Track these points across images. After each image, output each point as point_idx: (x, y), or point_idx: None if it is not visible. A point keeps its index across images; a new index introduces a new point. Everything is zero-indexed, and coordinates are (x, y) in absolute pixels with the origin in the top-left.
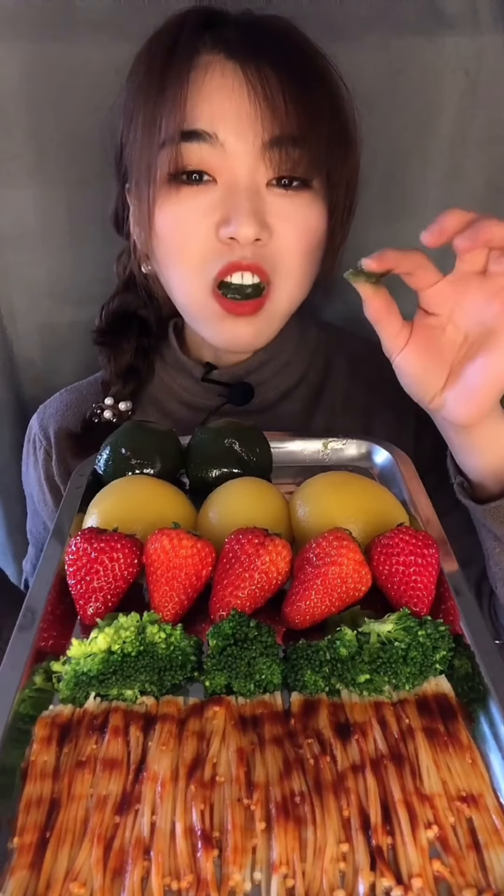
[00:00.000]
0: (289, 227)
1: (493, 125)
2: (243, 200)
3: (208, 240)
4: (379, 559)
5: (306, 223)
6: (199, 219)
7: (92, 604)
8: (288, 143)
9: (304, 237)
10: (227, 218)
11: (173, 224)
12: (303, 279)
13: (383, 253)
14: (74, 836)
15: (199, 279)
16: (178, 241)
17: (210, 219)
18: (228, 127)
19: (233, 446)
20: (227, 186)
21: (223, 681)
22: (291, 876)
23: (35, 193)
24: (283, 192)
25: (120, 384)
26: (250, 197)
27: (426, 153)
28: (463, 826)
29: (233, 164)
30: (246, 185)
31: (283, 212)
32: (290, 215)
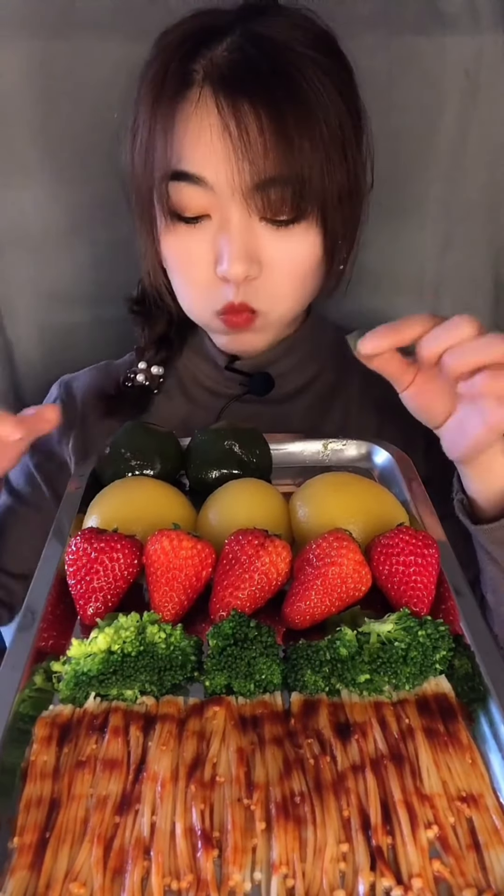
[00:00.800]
0: (279, 263)
1: (493, 125)
2: (234, 240)
3: (208, 274)
4: (379, 559)
5: (298, 257)
6: (200, 256)
7: (92, 604)
8: (276, 184)
9: (295, 269)
10: (220, 257)
11: (176, 257)
12: (296, 300)
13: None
14: (74, 836)
15: (204, 308)
16: (182, 273)
17: (208, 255)
18: (216, 170)
19: (232, 448)
20: (220, 224)
21: (223, 681)
22: (291, 876)
23: (35, 193)
24: (276, 228)
25: (153, 350)
26: (240, 236)
27: (426, 153)
28: (463, 826)
29: (222, 204)
30: (236, 223)
31: (275, 247)
32: (280, 250)
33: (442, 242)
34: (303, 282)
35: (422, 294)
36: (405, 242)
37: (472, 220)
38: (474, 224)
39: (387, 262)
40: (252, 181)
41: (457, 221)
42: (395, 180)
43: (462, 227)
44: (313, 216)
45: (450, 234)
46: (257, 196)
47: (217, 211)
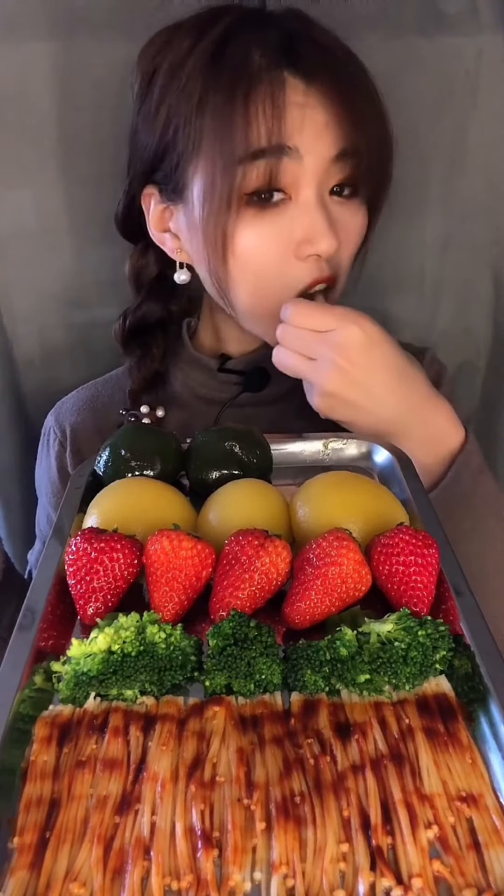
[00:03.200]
0: (348, 234)
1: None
2: (323, 216)
3: (287, 258)
4: (379, 559)
5: (357, 228)
6: (280, 239)
7: (92, 604)
8: (351, 154)
9: (356, 241)
10: (310, 236)
11: (253, 247)
12: (347, 275)
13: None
14: (74, 836)
15: (276, 296)
16: (256, 262)
17: (289, 240)
18: (305, 140)
19: (233, 448)
20: (303, 202)
21: (223, 681)
22: (291, 876)
23: (35, 193)
24: (341, 200)
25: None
26: (325, 211)
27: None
28: (463, 826)
29: (308, 178)
30: (319, 198)
31: (344, 219)
32: (348, 223)
33: (442, 242)
34: (355, 256)
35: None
36: (405, 242)
37: (472, 220)
38: (474, 224)
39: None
40: (332, 152)
41: (457, 221)
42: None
43: (462, 227)
44: (364, 193)
45: (450, 234)
46: (334, 168)
47: (300, 189)
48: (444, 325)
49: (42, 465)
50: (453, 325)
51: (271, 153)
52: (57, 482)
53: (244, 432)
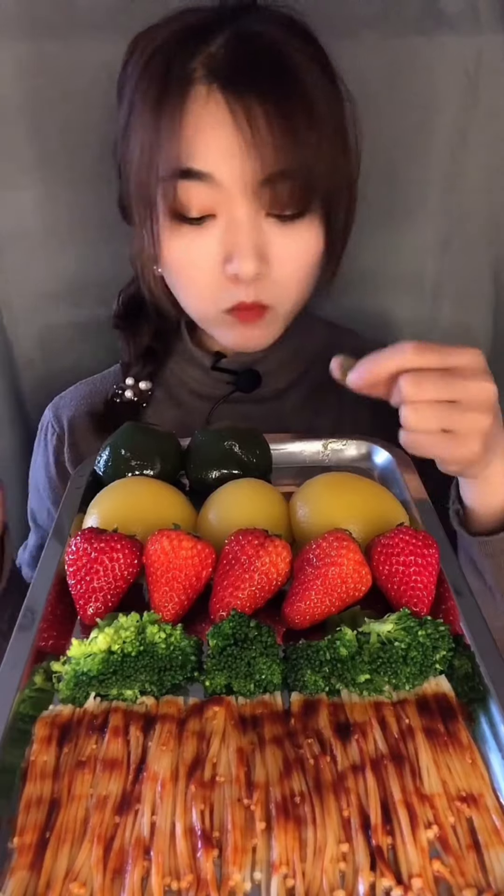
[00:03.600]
0: (287, 258)
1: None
2: (244, 238)
3: (214, 275)
4: (379, 559)
5: (303, 251)
6: (205, 256)
7: (92, 604)
8: (283, 178)
9: (301, 263)
10: (230, 255)
11: (180, 259)
12: (302, 295)
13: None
14: (74, 836)
15: (210, 308)
16: (186, 275)
17: (215, 255)
18: (223, 166)
19: (233, 448)
20: (228, 222)
21: (223, 681)
22: (291, 876)
23: (35, 193)
24: (282, 223)
25: (139, 365)
26: (250, 233)
27: (426, 153)
28: (463, 826)
29: (230, 202)
30: (245, 221)
31: (282, 243)
32: (287, 246)
33: (442, 242)
34: (308, 275)
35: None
36: (405, 242)
37: (472, 220)
38: (474, 224)
39: (387, 262)
40: (261, 176)
41: (457, 221)
42: (395, 180)
43: (462, 227)
44: (317, 209)
45: (450, 234)
46: (265, 191)
47: (224, 209)
48: (444, 325)
49: (39, 460)
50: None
51: (188, 176)
52: (55, 477)
53: (244, 432)
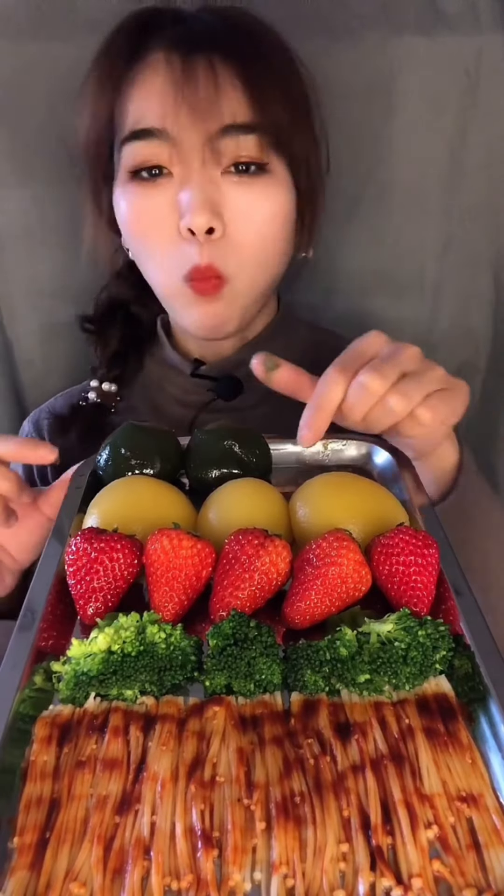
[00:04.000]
0: (244, 216)
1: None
2: (196, 191)
3: (171, 233)
4: (379, 559)
5: (263, 210)
6: (160, 213)
7: (92, 604)
8: (238, 130)
9: (261, 225)
10: (183, 210)
11: (136, 220)
12: (265, 264)
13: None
14: (74, 836)
15: (172, 273)
16: (143, 236)
17: (170, 212)
18: (175, 121)
19: (232, 448)
20: (181, 178)
21: (223, 681)
22: (291, 876)
23: (35, 193)
24: (239, 178)
25: (105, 369)
26: (203, 187)
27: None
28: (463, 826)
29: (184, 157)
30: (198, 175)
31: (239, 199)
32: (246, 203)
33: (442, 242)
34: (268, 243)
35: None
36: (405, 242)
37: (472, 220)
38: (474, 224)
39: (387, 262)
40: (213, 129)
41: (457, 221)
42: (395, 180)
43: (462, 227)
44: (279, 170)
45: (450, 234)
46: (219, 144)
47: (179, 165)
48: (444, 325)
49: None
50: (453, 325)
51: (141, 136)
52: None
53: (244, 431)
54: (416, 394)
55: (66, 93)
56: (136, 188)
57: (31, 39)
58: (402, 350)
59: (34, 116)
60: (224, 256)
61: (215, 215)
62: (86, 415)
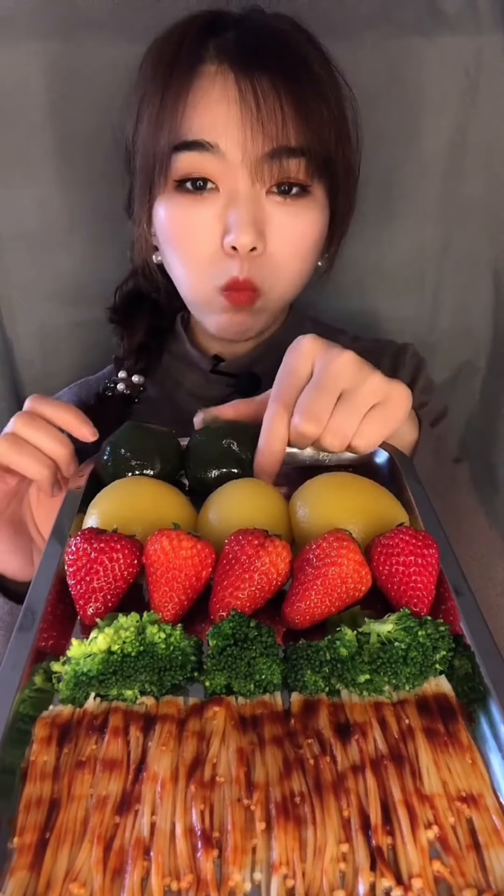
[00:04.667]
0: (284, 236)
1: (493, 125)
2: (243, 210)
3: (213, 247)
4: (379, 559)
5: (303, 230)
6: (205, 227)
7: (92, 604)
8: (287, 153)
9: (300, 243)
10: (229, 228)
11: (179, 230)
12: (296, 280)
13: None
14: (74, 837)
15: (207, 283)
16: (184, 247)
17: (214, 227)
18: (229, 138)
19: (231, 447)
20: (229, 195)
21: (223, 681)
22: (291, 876)
23: (35, 193)
24: (283, 199)
25: (132, 359)
26: (249, 207)
27: (426, 153)
28: (463, 826)
29: (233, 174)
30: (245, 194)
31: (281, 220)
32: (287, 224)
33: (442, 242)
34: (303, 260)
35: (421, 295)
36: (405, 242)
37: (472, 220)
38: (474, 224)
39: (387, 262)
40: (265, 150)
41: (457, 222)
42: (395, 180)
43: (462, 227)
44: (319, 193)
45: (450, 234)
46: (268, 165)
47: (226, 181)
48: (444, 325)
49: None
50: (453, 325)
51: (193, 147)
52: None
53: (242, 429)
54: (349, 426)
55: (66, 93)
56: (181, 199)
57: (31, 39)
58: (334, 362)
59: (34, 117)
60: (261, 271)
61: (260, 235)
62: (112, 405)
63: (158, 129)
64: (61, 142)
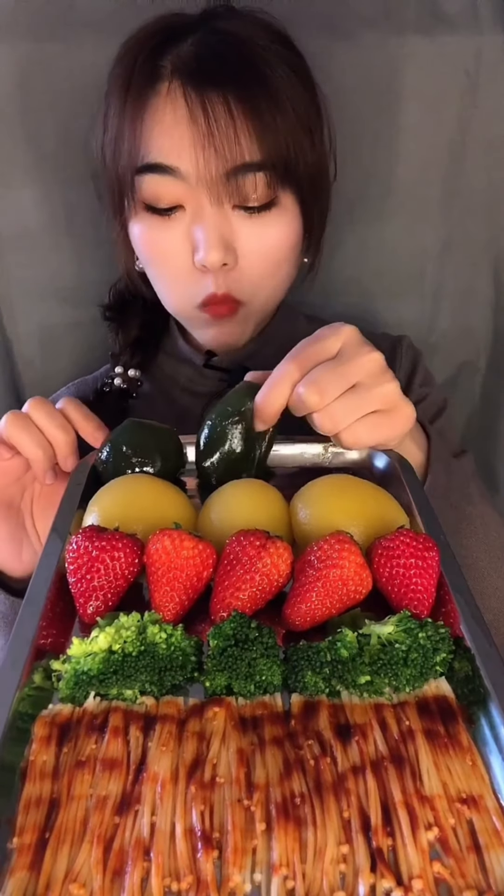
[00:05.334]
0: (255, 249)
1: (493, 125)
2: (209, 229)
3: (186, 265)
4: (379, 561)
5: (273, 241)
6: (175, 247)
7: (92, 602)
8: (244, 170)
9: (271, 253)
10: (196, 246)
11: (152, 251)
12: (276, 286)
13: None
14: (74, 837)
15: (187, 300)
16: (159, 266)
17: (184, 246)
18: (185, 160)
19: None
20: (194, 214)
21: (223, 681)
22: (291, 877)
23: (35, 193)
24: (249, 214)
25: (128, 355)
26: (215, 224)
27: (426, 153)
28: (463, 828)
29: (195, 194)
30: (210, 212)
31: (249, 234)
32: (255, 237)
33: (442, 243)
34: (279, 267)
35: (421, 295)
36: (405, 243)
37: (472, 221)
38: (474, 224)
39: (387, 262)
40: (224, 168)
41: (457, 222)
42: (395, 180)
43: (462, 228)
44: (287, 201)
45: (450, 234)
46: (230, 183)
47: (190, 201)
48: (444, 325)
49: None
50: (453, 325)
51: (154, 170)
52: None
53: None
54: (346, 417)
55: (65, 93)
56: (150, 219)
57: (30, 39)
58: (362, 354)
59: (34, 117)
60: (239, 283)
61: (228, 251)
62: (110, 401)
63: (119, 150)
64: (61, 142)
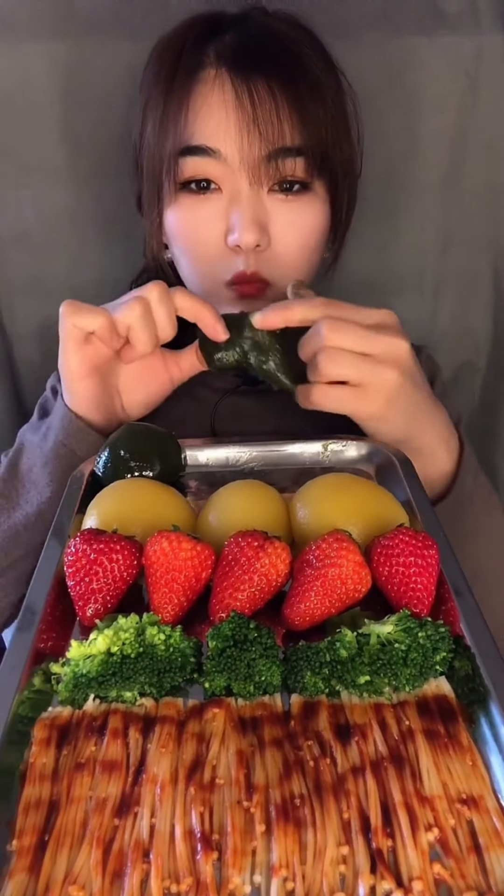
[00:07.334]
0: (288, 232)
1: (493, 125)
2: (245, 210)
3: (218, 245)
4: (379, 560)
5: (305, 225)
6: (209, 227)
7: (91, 605)
8: (284, 154)
9: (303, 238)
10: (232, 227)
11: (185, 229)
12: (303, 271)
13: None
14: (73, 839)
15: (213, 279)
16: (191, 245)
17: (218, 227)
18: (228, 143)
19: None
20: (231, 195)
21: (223, 682)
22: (291, 879)
23: (35, 193)
24: (284, 197)
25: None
26: (252, 206)
27: (426, 153)
28: (463, 828)
29: (235, 176)
30: (247, 194)
31: (283, 217)
32: (289, 220)
33: (442, 242)
34: (310, 253)
35: (422, 294)
36: (405, 242)
37: (472, 220)
38: (474, 224)
39: (387, 262)
40: (265, 151)
41: (457, 221)
42: (395, 180)
43: (462, 227)
44: (320, 189)
45: (450, 234)
46: (269, 165)
47: (228, 183)
48: (444, 325)
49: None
50: (453, 325)
51: (196, 152)
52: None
53: None
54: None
55: (65, 92)
56: (185, 199)
57: (31, 39)
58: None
59: (34, 116)
60: (268, 265)
61: (263, 233)
62: None
63: (163, 135)
64: (61, 142)
